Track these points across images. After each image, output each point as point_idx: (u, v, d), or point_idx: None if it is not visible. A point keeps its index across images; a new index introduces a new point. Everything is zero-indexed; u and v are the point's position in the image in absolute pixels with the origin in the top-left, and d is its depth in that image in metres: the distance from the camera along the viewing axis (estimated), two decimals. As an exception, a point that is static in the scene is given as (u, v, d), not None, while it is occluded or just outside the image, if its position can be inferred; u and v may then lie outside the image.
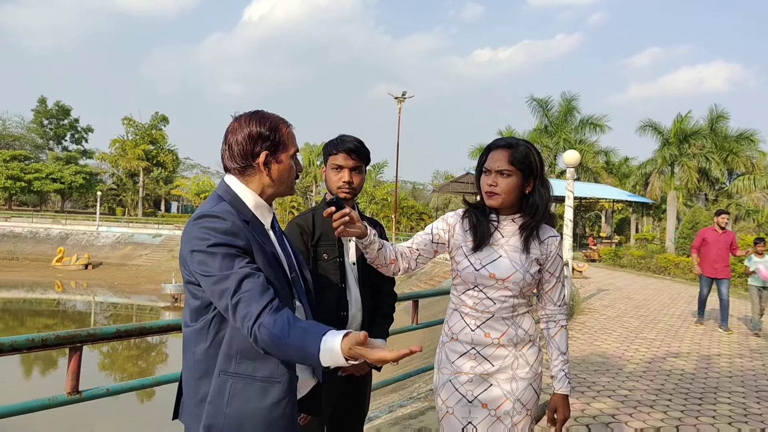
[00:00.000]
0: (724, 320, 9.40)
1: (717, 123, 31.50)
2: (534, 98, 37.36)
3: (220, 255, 1.58)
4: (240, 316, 1.54)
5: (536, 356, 2.17)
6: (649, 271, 22.70)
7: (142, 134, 57.07)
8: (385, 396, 6.19)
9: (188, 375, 1.68)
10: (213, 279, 1.57)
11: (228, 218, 1.62)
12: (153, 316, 25.75)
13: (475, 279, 2.09)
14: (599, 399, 5.29)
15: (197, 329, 1.66)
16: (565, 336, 2.21)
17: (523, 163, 2.07)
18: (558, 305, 2.21)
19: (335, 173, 2.45)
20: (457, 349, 2.15)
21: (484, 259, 2.09)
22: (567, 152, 10.83)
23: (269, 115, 1.76)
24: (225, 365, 1.62)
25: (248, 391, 1.61)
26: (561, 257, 2.21)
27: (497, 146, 2.12)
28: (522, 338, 2.13)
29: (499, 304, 2.09)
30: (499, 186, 2.07)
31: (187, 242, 1.64)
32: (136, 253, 39.80)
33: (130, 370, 16.52)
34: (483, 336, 2.11)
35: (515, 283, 2.06)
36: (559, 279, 2.18)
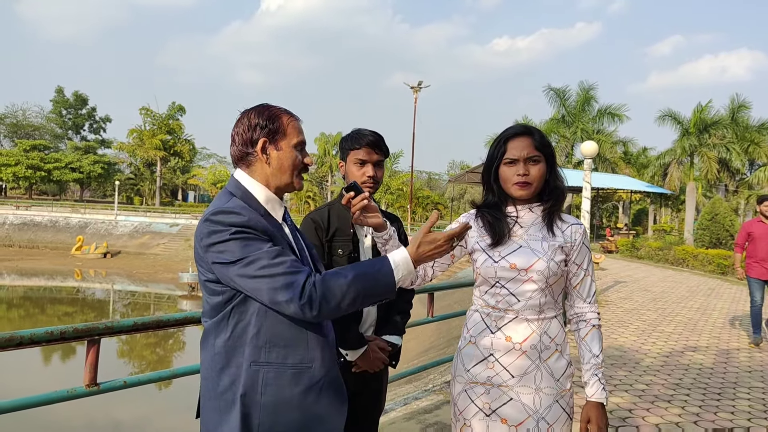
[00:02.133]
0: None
1: (738, 113, 31.01)
2: (551, 88, 37.00)
3: (243, 240, 1.59)
4: (281, 288, 1.54)
5: (564, 370, 1.96)
6: (667, 263, 22.47)
7: (159, 124, 57.44)
8: (400, 387, 6.20)
9: (208, 368, 1.68)
10: (242, 262, 1.57)
11: (243, 213, 1.63)
12: (170, 304, 26.02)
13: (495, 272, 1.95)
14: (616, 393, 5.25)
15: (216, 321, 1.66)
16: (598, 337, 2.00)
17: (547, 147, 2.00)
18: (588, 302, 2.02)
19: (358, 168, 2.42)
20: (474, 355, 1.99)
21: (503, 251, 1.96)
22: (584, 143, 10.72)
23: (271, 106, 1.78)
24: (255, 356, 1.62)
25: (281, 379, 1.63)
26: (588, 248, 2.03)
27: (516, 134, 2.00)
28: (547, 346, 1.94)
29: (524, 301, 1.93)
30: (531, 174, 1.95)
31: (202, 239, 1.63)
32: (153, 242, 40.17)
33: (149, 357, 16.73)
34: (504, 339, 1.94)
35: (539, 272, 1.90)
36: (587, 272, 2.01)
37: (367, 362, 2.35)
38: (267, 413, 1.61)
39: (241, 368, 1.63)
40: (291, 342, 1.65)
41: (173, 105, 58.90)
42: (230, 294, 1.64)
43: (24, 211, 43.69)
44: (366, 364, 2.35)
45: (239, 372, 1.63)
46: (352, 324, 2.35)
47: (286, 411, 1.62)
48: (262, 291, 1.57)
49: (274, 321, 1.63)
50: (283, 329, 1.64)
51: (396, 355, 2.51)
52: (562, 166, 30.59)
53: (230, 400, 1.62)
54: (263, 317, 1.63)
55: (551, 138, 37.52)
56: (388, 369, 2.55)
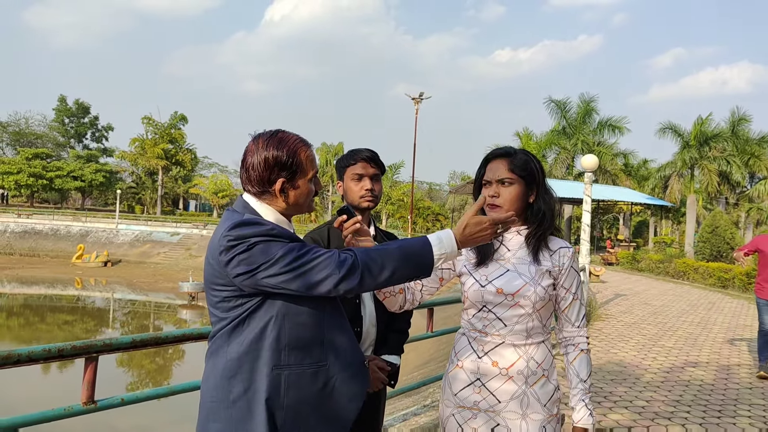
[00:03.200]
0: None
1: (739, 125, 31.14)
2: (552, 99, 37.12)
3: (270, 244, 1.58)
4: (320, 267, 1.57)
5: (551, 395, 1.95)
6: (667, 276, 22.45)
7: (161, 133, 57.64)
8: (399, 401, 6.17)
9: (216, 379, 1.67)
10: (273, 259, 1.56)
11: (264, 221, 1.65)
12: (170, 313, 25.98)
13: (482, 297, 1.95)
14: (615, 410, 5.22)
15: (228, 331, 1.66)
16: (586, 361, 1.99)
17: (524, 170, 1.98)
18: (577, 326, 2.01)
19: (356, 183, 2.44)
20: (461, 379, 1.98)
21: (490, 275, 1.96)
22: (585, 157, 10.74)
23: (288, 138, 1.73)
24: (276, 360, 1.63)
25: (301, 380, 1.66)
26: (577, 272, 2.02)
27: (495, 156, 2.02)
28: (534, 371, 1.93)
29: (511, 325, 1.93)
30: (502, 196, 1.95)
31: (221, 253, 1.60)
32: (154, 251, 40.17)
33: (147, 366, 16.68)
34: (490, 364, 1.94)
35: (526, 297, 1.90)
36: (576, 296, 2.00)
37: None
38: (290, 414, 1.64)
39: (257, 373, 1.63)
40: (308, 343, 1.68)
41: (175, 114, 59.13)
42: (251, 304, 1.63)
43: (25, 219, 43.74)
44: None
45: (254, 377, 1.63)
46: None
47: (306, 409, 1.67)
48: (296, 279, 1.57)
49: (292, 324, 1.65)
50: (301, 332, 1.67)
51: (395, 374, 2.50)
52: (563, 177, 30.41)
53: (245, 408, 1.62)
54: (281, 322, 1.64)
55: (551, 150, 37.74)
56: (386, 387, 2.54)
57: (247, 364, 1.63)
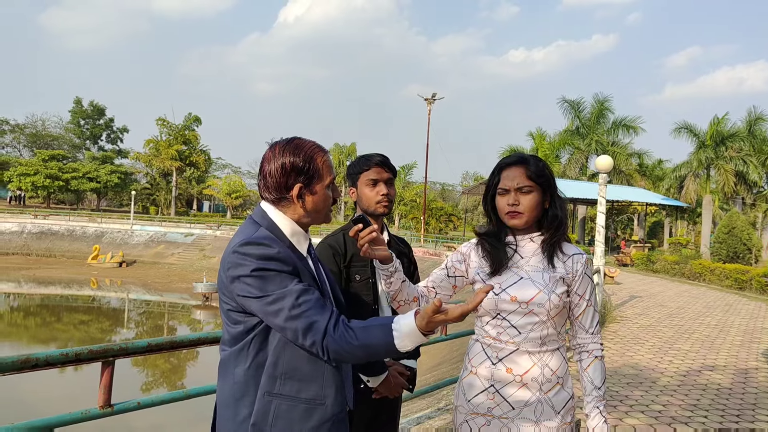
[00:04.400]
0: None
1: (756, 125, 30.79)
2: (566, 99, 36.99)
3: (270, 276, 1.59)
4: (303, 331, 1.56)
5: (565, 403, 1.94)
6: (683, 277, 22.23)
7: (175, 135, 58.08)
8: (413, 403, 6.16)
9: (226, 396, 1.68)
10: (267, 299, 1.57)
11: (273, 244, 1.62)
12: (184, 313, 26.16)
13: (496, 305, 1.94)
14: (632, 414, 5.17)
15: (236, 350, 1.66)
16: (601, 369, 1.98)
17: (542, 176, 1.98)
18: (591, 332, 2.00)
19: (371, 189, 2.42)
20: (475, 386, 1.98)
21: (503, 283, 1.95)
22: (600, 158, 10.66)
23: (304, 144, 1.73)
24: (269, 386, 1.63)
25: (292, 413, 1.63)
26: (590, 278, 2.02)
27: (509, 164, 2.01)
28: (548, 379, 1.92)
29: (525, 333, 1.92)
30: (522, 204, 1.95)
31: (229, 269, 1.63)
32: (168, 252, 40.47)
33: (162, 366, 16.80)
34: (504, 371, 1.93)
35: (540, 305, 1.89)
36: (590, 302, 1.99)
37: (388, 388, 2.34)
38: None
39: (256, 398, 1.63)
40: (307, 376, 1.65)
41: (189, 116, 59.57)
42: (252, 323, 1.64)
43: (42, 220, 44.24)
44: (386, 389, 2.34)
45: (255, 401, 1.63)
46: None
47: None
48: (286, 330, 1.58)
49: (293, 354, 1.64)
50: (301, 363, 1.64)
51: (413, 378, 2.50)
52: (577, 178, 30.26)
53: (248, 430, 1.62)
54: (282, 349, 1.64)
55: (565, 150, 37.55)
56: (403, 392, 2.54)
57: (252, 388, 1.63)
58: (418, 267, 2.68)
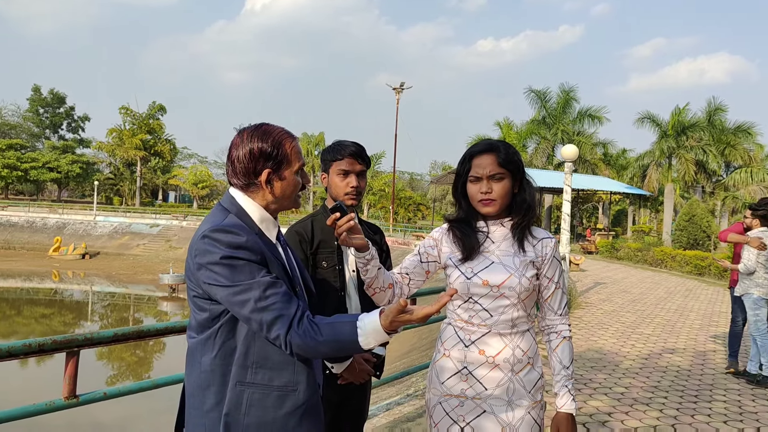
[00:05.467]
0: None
1: (715, 115, 31.56)
2: (532, 90, 37.30)
3: (238, 266, 1.58)
4: (269, 325, 1.56)
5: (535, 382, 2.00)
6: (645, 264, 22.77)
7: (139, 124, 56.92)
8: (382, 390, 6.21)
9: (193, 385, 1.67)
10: (234, 290, 1.56)
11: (241, 233, 1.61)
12: (150, 305, 25.78)
13: (468, 289, 1.98)
14: (595, 397, 5.31)
15: (203, 339, 1.65)
16: (569, 349, 2.03)
17: (512, 163, 2.00)
18: (559, 314, 2.06)
19: (342, 179, 2.42)
20: (448, 368, 2.01)
21: (475, 267, 1.99)
22: (565, 147, 10.82)
23: (273, 130, 1.72)
24: (241, 376, 1.62)
25: (265, 401, 1.63)
26: (559, 261, 2.07)
27: (479, 151, 2.03)
28: (520, 359, 1.97)
29: (497, 316, 1.96)
30: (495, 191, 1.98)
31: (197, 256, 1.61)
32: (133, 243, 39.75)
33: (128, 359, 16.55)
34: (477, 353, 1.97)
35: (511, 288, 1.94)
36: (558, 285, 2.05)
37: (353, 374, 2.36)
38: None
39: (226, 387, 1.62)
40: (278, 365, 1.64)
41: (154, 104, 58.42)
42: (217, 311, 1.63)
43: (0, 211, 42.96)
44: (352, 376, 2.36)
45: (225, 391, 1.62)
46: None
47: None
48: (251, 321, 1.58)
49: (263, 343, 1.63)
50: (272, 351, 1.64)
51: (380, 365, 2.52)
52: (543, 167, 30.54)
53: (215, 419, 1.62)
54: (251, 338, 1.63)
55: (531, 139, 37.96)
56: (371, 378, 2.56)
57: (219, 378, 1.63)
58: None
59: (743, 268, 5.93)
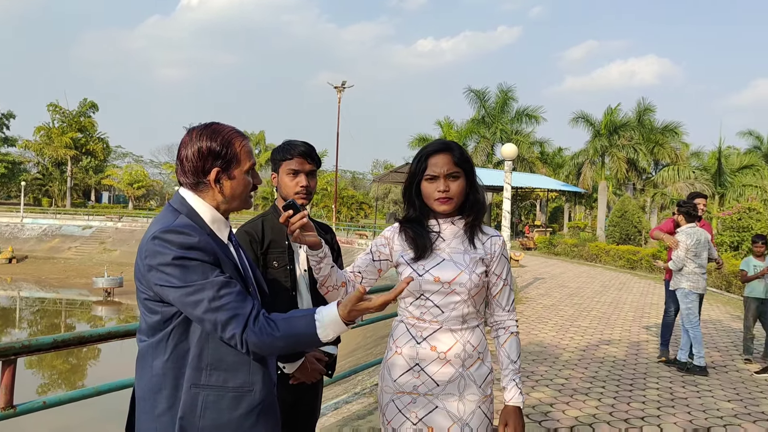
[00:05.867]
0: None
1: (644, 115, 32.97)
2: (471, 89, 37.92)
3: (191, 266, 1.55)
4: (223, 324, 1.54)
5: (485, 377, 2.05)
6: (581, 259, 23.55)
7: (69, 121, 54.63)
8: (329, 390, 6.20)
9: (144, 389, 1.64)
10: (186, 290, 1.54)
11: (193, 233, 1.59)
12: (84, 310, 24.83)
13: (420, 286, 2.00)
14: (537, 388, 5.47)
15: (154, 343, 1.62)
16: (516, 343, 2.09)
17: (466, 162, 2.05)
18: (507, 310, 2.11)
19: (291, 178, 2.42)
20: (400, 365, 2.03)
21: (427, 264, 2.01)
22: (505, 146, 11.08)
23: (222, 129, 1.70)
24: (195, 378, 1.60)
25: (221, 402, 1.61)
26: (507, 258, 2.11)
27: (435, 151, 2.05)
28: (470, 354, 2.01)
29: (448, 312, 1.99)
30: (452, 190, 2.01)
31: (146, 258, 1.58)
32: (64, 246, 38.15)
33: (60, 367, 15.88)
34: (429, 350, 2.00)
35: (462, 285, 1.97)
36: (506, 282, 2.10)
37: (305, 374, 2.35)
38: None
39: (180, 390, 1.60)
40: (233, 366, 1.63)
41: (85, 101, 56.16)
42: (169, 313, 1.60)
43: None
44: (304, 375, 2.35)
45: (177, 394, 1.59)
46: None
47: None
48: (204, 322, 1.56)
49: (217, 344, 1.61)
50: (226, 353, 1.62)
51: (332, 364, 2.52)
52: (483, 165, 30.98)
53: (167, 423, 1.59)
54: (205, 340, 1.61)
55: (471, 138, 38.61)
56: (323, 378, 2.56)
57: (171, 381, 1.60)
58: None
59: (673, 265, 6.24)
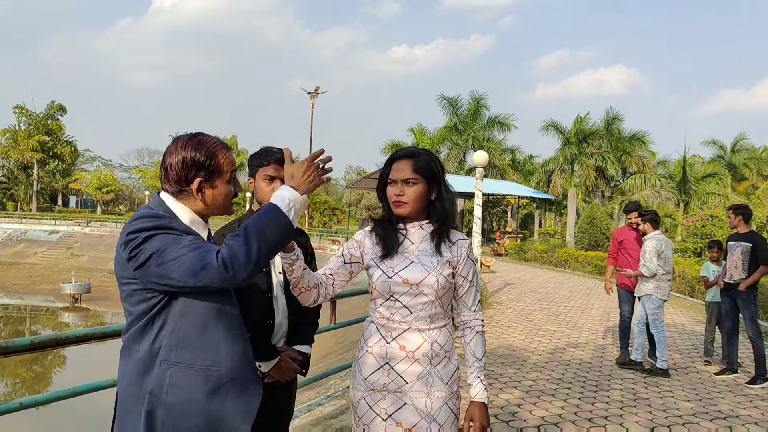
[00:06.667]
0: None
1: (612, 124, 33.67)
2: (444, 96, 38.26)
3: (165, 236, 1.63)
4: (196, 258, 1.59)
5: (452, 374, 2.14)
6: (551, 265, 23.93)
7: (36, 124, 53.55)
8: (302, 393, 6.25)
9: (130, 375, 1.69)
10: (158, 252, 1.60)
11: (164, 217, 1.69)
12: (50, 317, 24.31)
13: (390, 287, 2.10)
14: (506, 390, 5.61)
15: (139, 328, 1.69)
16: (481, 342, 2.18)
17: (427, 170, 2.14)
18: (473, 310, 2.20)
19: (267, 184, 2.50)
20: (371, 364, 2.13)
21: (396, 267, 2.11)
22: (476, 153, 11.27)
23: (207, 141, 1.78)
24: (166, 355, 1.67)
25: (188, 380, 1.67)
26: (473, 261, 2.20)
27: (399, 157, 2.16)
28: (437, 353, 2.10)
29: (416, 312, 2.09)
30: (406, 195, 2.11)
31: (122, 247, 1.66)
32: (30, 251, 37.35)
33: (24, 375, 15.57)
34: (398, 349, 2.09)
35: (429, 286, 2.07)
36: (472, 283, 2.19)
37: (280, 372, 2.42)
38: (171, 413, 1.65)
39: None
40: (201, 345, 1.70)
41: (53, 104, 55.13)
42: (154, 301, 1.67)
43: None
44: (279, 374, 2.42)
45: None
46: (264, 336, 2.42)
47: (190, 412, 1.67)
48: (180, 267, 1.59)
49: (188, 323, 1.69)
50: (195, 332, 1.70)
51: (306, 363, 2.60)
52: (456, 172, 31.13)
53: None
54: (178, 319, 1.68)
55: (444, 145, 38.95)
56: (297, 377, 2.63)
57: (154, 361, 1.67)
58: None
59: (647, 271, 6.43)
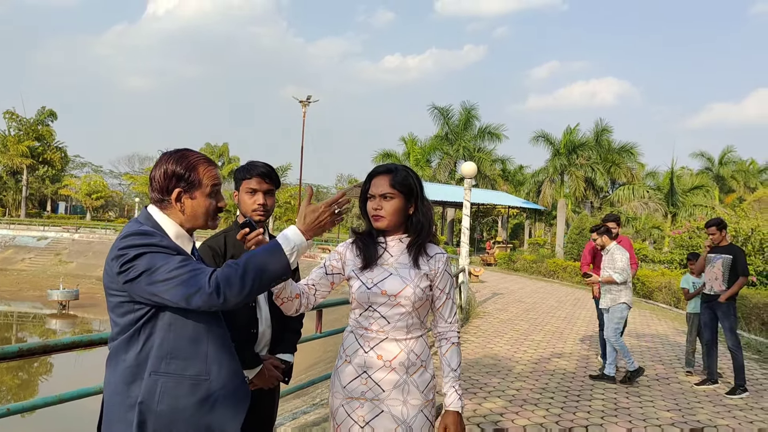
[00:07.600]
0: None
1: (602, 136, 34.03)
2: (435, 106, 38.55)
3: (156, 254, 1.72)
4: (188, 279, 1.67)
5: (428, 383, 2.21)
6: (540, 275, 24.08)
7: (26, 129, 53.23)
8: (288, 402, 6.30)
9: (118, 383, 1.76)
10: (149, 271, 1.69)
11: (155, 234, 1.77)
12: (36, 323, 24.14)
13: (368, 298, 2.18)
14: (490, 399, 5.68)
15: (126, 338, 1.76)
16: (457, 353, 2.26)
17: (404, 185, 2.23)
18: (449, 322, 2.28)
19: (250, 197, 2.59)
20: (350, 372, 2.20)
21: (375, 278, 2.19)
22: (465, 164, 11.39)
23: (190, 155, 1.89)
24: (156, 366, 1.75)
25: (178, 389, 1.75)
26: (450, 274, 2.28)
27: (378, 173, 2.26)
28: (414, 362, 2.18)
29: (393, 323, 2.17)
30: (384, 209, 2.20)
31: (113, 261, 1.73)
32: (17, 257, 37.10)
33: (9, 382, 15.46)
34: (375, 358, 2.17)
35: (407, 298, 2.15)
36: (449, 295, 2.27)
37: (263, 380, 2.50)
38: (162, 422, 1.73)
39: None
40: (191, 355, 1.79)
41: (43, 110, 54.86)
42: (141, 313, 1.75)
43: None
44: (261, 381, 2.50)
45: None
46: (248, 344, 2.49)
47: (180, 420, 1.75)
48: (172, 289, 1.68)
49: (177, 335, 1.77)
50: (184, 343, 1.78)
51: (289, 371, 2.67)
52: (446, 182, 31.27)
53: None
54: (167, 330, 1.77)
55: (435, 155, 39.16)
56: (280, 385, 2.71)
57: (143, 371, 1.75)
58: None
59: (620, 278, 6.54)
